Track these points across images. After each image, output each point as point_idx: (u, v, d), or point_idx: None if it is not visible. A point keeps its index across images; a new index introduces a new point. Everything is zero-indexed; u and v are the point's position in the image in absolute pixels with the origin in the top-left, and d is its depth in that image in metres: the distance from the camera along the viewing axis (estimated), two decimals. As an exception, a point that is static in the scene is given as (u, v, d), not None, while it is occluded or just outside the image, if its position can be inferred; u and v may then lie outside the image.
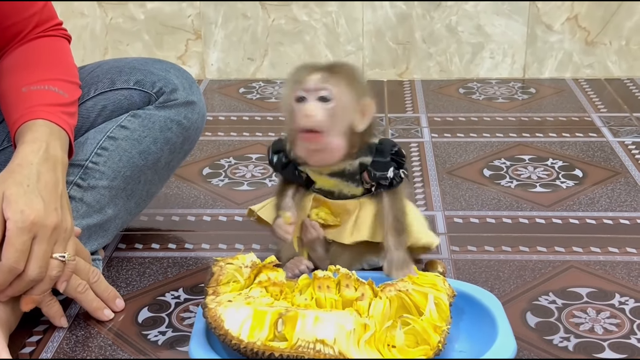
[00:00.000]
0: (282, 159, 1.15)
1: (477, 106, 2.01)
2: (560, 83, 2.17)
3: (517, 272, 1.24)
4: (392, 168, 1.13)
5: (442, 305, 1.00)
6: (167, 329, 1.11)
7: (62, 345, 1.08)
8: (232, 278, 1.03)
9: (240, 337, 0.94)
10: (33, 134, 1.07)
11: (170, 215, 1.46)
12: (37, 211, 1.00)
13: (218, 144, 1.78)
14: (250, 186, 1.57)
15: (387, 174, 1.13)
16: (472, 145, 1.76)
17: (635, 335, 1.08)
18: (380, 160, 1.13)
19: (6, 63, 1.19)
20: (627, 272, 1.24)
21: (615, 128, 1.84)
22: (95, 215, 1.19)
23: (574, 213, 1.44)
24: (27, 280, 1.01)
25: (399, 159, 1.14)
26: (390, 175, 1.13)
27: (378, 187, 1.14)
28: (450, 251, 1.31)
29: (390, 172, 1.13)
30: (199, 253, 1.32)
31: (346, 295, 1.02)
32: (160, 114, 1.26)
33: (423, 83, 2.19)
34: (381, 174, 1.13)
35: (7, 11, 1.18)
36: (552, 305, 1.15)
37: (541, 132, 1.83)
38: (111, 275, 1.25)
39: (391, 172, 1.13)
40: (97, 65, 1.31)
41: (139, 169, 1.24)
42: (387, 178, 1.13)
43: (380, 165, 1.13)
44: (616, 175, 1.59)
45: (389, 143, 1.15)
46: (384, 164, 1.13)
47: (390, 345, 0.96)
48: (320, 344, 0.93)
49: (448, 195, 1.51)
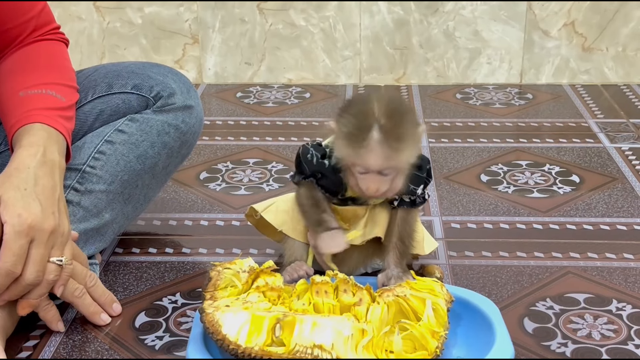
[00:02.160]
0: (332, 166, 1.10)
1: (474, 112, 2.01)
2: (557, 89, 2.18)
3: (514, 277, 1.24)
4: (423, 185, 1.12)
5: (440, 311, 1.00)
6: (164, 333, 1.11)
7: (58, 349, 1.07)
8: (230, 283, 1.03)
9: (238, 342, 0.94)
10: (30, 138, 1.07)
11: (168, 219, 1.45)
12: (35, 215, 1.00)
13: (215, 149, 1.78)
14: (248, 191, 1.57)
15: (418, 189, 1.12)
16: (470, 150, 1.76)
17: (632, 341, 1.08)
18: (417, 175, 1.11)
19: (4, 67, 1.19)
20: (624, 278, 1.24)
21: (612, 134, 1.84)
22: (93, 219, 1.19)
23: (571, 219, 1.44)
24: (24, 284, 1.01)
25: (428, 179, 1.13)
26: (420, 192, 1.12)
27: (401, 203, 1.13)
28: (448, 256, 1.31)
29: (421, 189, 1.12)
30: (196, 258, 1.32)
31: (344, 301, 1.02)
32: (158, 118, 1.26)
33: (420, 88, 2.19)
34: (413, 188, 1.11)
35: (5, 15, 1.18)
36: (550, 311, 1.15)
37: (538, 138, 1.83)
38: (108, 279, 1.25)
39: (421, 189, 1.12)
40: (95, 70, 1.31)
41: (137, 173, 1.23)
42: (415, 193, 1.12)
43: (415, 180, 1.11)
44: (613, 181, 1.60)
45: (426, 160, 1.13)
46: (418, 179, 1.11)
47: (388, 350, 0.96)
48: (318, 349, 0.93)
49: (445, 201, 1.51)
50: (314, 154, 1.12)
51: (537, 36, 2.17)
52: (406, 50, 2.20)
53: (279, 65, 2.23)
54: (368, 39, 2.20)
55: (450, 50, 2.20)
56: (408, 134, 1.03)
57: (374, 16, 2.17)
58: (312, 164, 1.12)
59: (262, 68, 2.24)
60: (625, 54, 2.18)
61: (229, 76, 2.25)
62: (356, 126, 1.02)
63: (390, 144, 1.01)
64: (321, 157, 1.11)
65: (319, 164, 1.11)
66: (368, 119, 1.01)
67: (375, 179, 1.04)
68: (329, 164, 1.10)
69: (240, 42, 2.22)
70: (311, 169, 1.12)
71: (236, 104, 2.09)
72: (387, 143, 1.01)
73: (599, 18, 2.15)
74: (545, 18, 2.15)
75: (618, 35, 2.16)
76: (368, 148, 1.01)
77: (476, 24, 2.17)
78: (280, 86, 2.22)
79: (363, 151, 1.01)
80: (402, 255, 1.11)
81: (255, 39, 2.21)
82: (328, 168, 1.10)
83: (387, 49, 2.20)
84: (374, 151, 1.01)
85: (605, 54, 2.19)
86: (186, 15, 2.20)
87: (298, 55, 2.22)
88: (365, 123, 1.01)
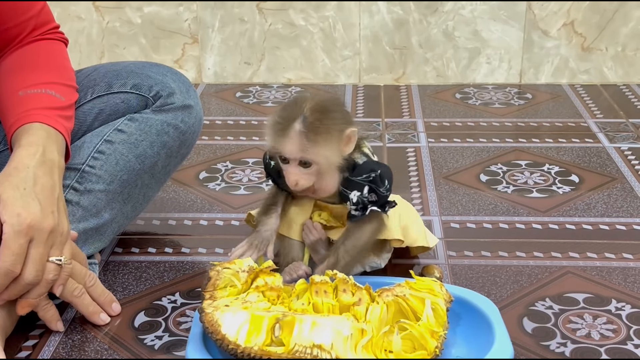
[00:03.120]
0: (277, 167, 1.13)
1: (473, 111, 2.01)
2: (557, 89, 2.18)
3: (513, 277, 1.24)
4: (359, 193, 1.10)
5: (439, 311, 1.00)
6: (164, 333, 1.11)
7: (58, 349, 1.07)
8: (229, 282, 1.03)
9: (237, 342, 0.94)
10: (30, 137, 1.07)
11: (167, 219, 1.45)
12: (34, 214, 1.00)
13: (215, 148, 1.78)
14: (247, 190, 1.57)
15: (350, 194, 1.10)
16: (469, 150, 1.76)
17: (631, 341, 1.08)
18: (350, 180, 1.10)
19: (3, 66, 1.19)
20: (623, 278, 1.24)
21: (611, 134, 1.84)
22: (92, 219, 1.19)
23: (570, 219, 1.44)
24: (23, 283, 1.01)
25: (375, 186, 1.10)
26: (353, 199, 1.10)
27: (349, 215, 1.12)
28: (447, 256, 1.31)
29: (354, 195, 1.10)
30: (195, 257, 1.32)
31: (343, 300, 1.02)
32: (157, 118, 1.26)
33: (420, 88, 2.19)
34: (345, 193, 1.10)
35: (4, 15, 1.18)
36: (549, 311, 1.15)
37: (537, 138, 1.83)
38: (107, 279, 1.25)
39: (355, 195, 1.10)
40: (94, 69, 1.31)
41: (136, 172, 1.23)
42: (349, 199, 1.10)
43: (349, 184, 1.10)
44: (612, 181, 1.60)
45: (369, 166, 1.10)
46: (352, 184, 1.10)
47: (387, 350, 0.96)
48: (318, 349, 0.93)
49: (445, 201, 1.51)
50: (266, 155, 1.17)
51: (537, 36, 2.17)
52: (405, 50, 2.20)
53: (279, 65, 2.23)
54: (367, 39, 2.19)
55: (450, 50, 2.20)
56: (330, 130, 1.06)
57: (374, 16, 2.17)
58: (264, 165, 1.18)
59: (262, 68, 2.24)
60: (624, 53, 2.18)
61: (228, 76, 2.25)
62: (283, 116, 1.08)
63: (308, 135, 1.05)
64: (270, 159, 1.15)
65: (267, 164, 1.17)
66: (295, 111, 1.07)
67: (295, 170, 1.08)
68: (274, 165, 1.14)
69: (239, 42, 2.22)
70: (265, 170, 1.18)
71: (235, 103, 2.09)
72: (305, 134, 1.05)
73: (599, 18, 2.15)
74: (544, 18, 2.15)
75: (617, 35, 2.16)
76: (287, 137, 1.06)
77: (475, 24, 2.17)
78: (279, 86, 2.22)
79: (282, 139, 1.07)
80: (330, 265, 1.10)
81: (255, 39, 2.21)
82: (273, 169, 1.15)
83: (387, 49, 2.20)
84: (292, 139, 1.06)
85: (605, 54, 2.19)
86: (185, 14, 2.20)
87: (297, 55, 2.22)
88: (292, 114, 1.07)
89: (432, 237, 1.27)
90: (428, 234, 1.25)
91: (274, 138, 1.08)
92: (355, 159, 1.11)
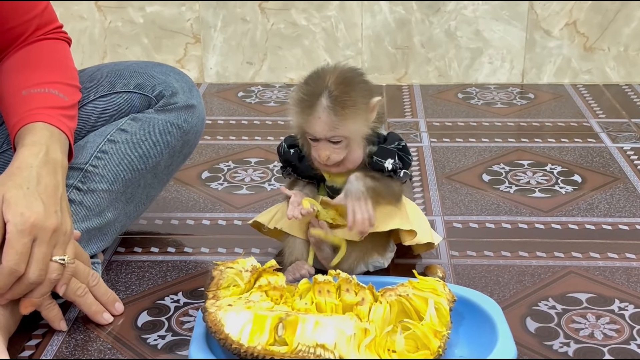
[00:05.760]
0: (298, 153, 1.14)
1: (475, 111, 2.01)
2: (559, 89, 2.18)
3: (516, 277, 1.24)
4: (392, 160, 1.12)
5: (443, 310, 1.00)
6: (167, 332, 1.11)
7: (61, 348, 1.07)
8: (232, 282, 1.03)
9: (241, 342, 0.94)
10: (33, 137, 1.07)
11: (170, 219, 1.45)
12: (37, 214, 1.00)
13: (217, 148, 1.78)
14: (250, 190, 1.57)
15: (385, 162, 1.11)
16: (471, 150, 1.76)
17: (635, 340, 1.08)
18: (384, 148, 1.12)
19: (7, 66, 1.19)
20: (626, 278, 1.24)
21: (613, 134, 1.84)
22: (95, 218, 1.19)
23: (573, 218, 1.44)
24: (26, 283, 1.01)
25: (404, 154, 1.13)
26: (388, 166, 1.11)
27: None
28: (450, 256, 1.31)
29: (389, 162, 1.11)
30: (198, 257, 1.32)
31: (346, 300, 1.02)
32: (160, 118, 1.26)
33: (422, 88, 2.19)
34: (378, 160, 1.11)
35: (8, 14, 1.18)
36: (552, 311, 1.15)
37: (540, 138, 1.83)
38: (110, 278, 1.25)
39: (389, 162, 1.11)
40: (97, 69, 1.31)
41: (139, 172, 1.23)
42: (384, 168, 1.11)
43: (382, 153, 1.11)
44: (615, 180, 1.60)
45: (396, 137, 1.14)
46: (386, 152, 1.11)
47: (390, 350, 0.96)
48: (321, 349, 0.93)
49: (447, 200, 1.51)
50: (283, 144, 1.16)
51: (539, 36, 2.17)
52: (408, 50, 2.20)
53: (281, 65, 2.23)
54: (369, 39, 2.19)
55: (452, 49, 2.19)
56: (357, 102, 1.06)
57: (376, 16, 2.17)
58: (281, 154, 1.17)
59: (264, 67, 2.24)
60: (626, 53, 2.18)
61: (230, 76, 2.25)
62: (307, 92, 1.06)
63: (336, 110, 1.04)
64: (289, 147, 1.15)
65: (286, 152, 1.16)
66: (319, 86, 1.05)
67: (326, 146, 1.07)
68: (294, 152, 1.14)
69: (241, 42, 2.22)
70: (282, 158, 1.17)
71: (238, 103, 2.09)
72: (333, 109, 1.04)
73: (601, 18, 2.15)
74: (546, 18, 2.15)
75: (620, 35, 2.16)
76: (315, 115, 1.05)
77: (478, 24, 2.17)
78: (281, 85, 2.22)
79: (311, 118, 1.05)
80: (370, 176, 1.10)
81: (257, 39, 2.21)
82: (294, 155, 1.14)
83: (389, 49, 2.20)
84: (320, 118, 1.05)
85: (607, 54, 2.19)
86: (188, 14, 2.20)
87: (299, 55, 2.22)
88: (316, 89, 1.05)
89: (436, 235, 1.27)
90: (432, 232, 1.25)
91: (301, 116, 1.06)
92: (376, 128, 1.11)
